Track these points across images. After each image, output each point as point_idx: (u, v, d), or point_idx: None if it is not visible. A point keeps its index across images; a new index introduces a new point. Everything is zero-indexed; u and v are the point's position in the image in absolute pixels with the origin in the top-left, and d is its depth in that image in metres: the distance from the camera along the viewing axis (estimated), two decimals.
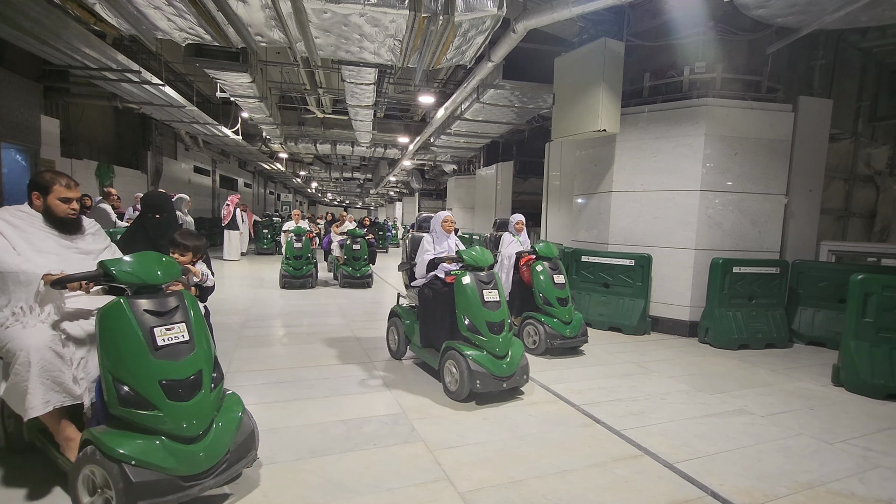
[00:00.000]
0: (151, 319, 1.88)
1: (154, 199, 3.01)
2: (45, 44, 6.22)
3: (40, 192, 2.22)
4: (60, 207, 2.22)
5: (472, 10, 3.89)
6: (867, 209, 7.99)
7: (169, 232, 2.84)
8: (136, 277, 1.91)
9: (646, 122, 5.83)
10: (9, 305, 2.03)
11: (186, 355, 1.92)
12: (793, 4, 4.63)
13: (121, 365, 1.80)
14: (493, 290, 3.47)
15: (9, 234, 2.09)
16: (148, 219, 2.92)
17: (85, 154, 10.09)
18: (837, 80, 6.74)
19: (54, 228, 2.23)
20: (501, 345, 3.34)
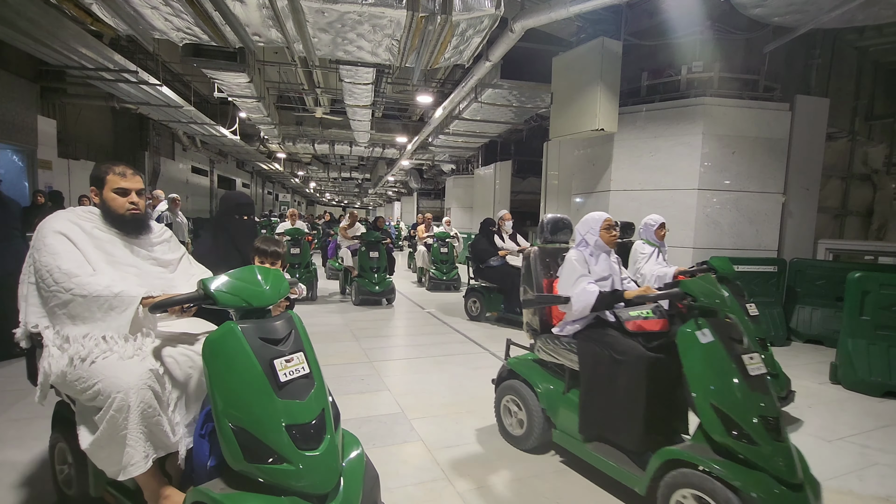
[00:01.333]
0: (269, 349, 1.49)
1: (239, 198, 2.60)
2: (42, 44, 6.20)
3: (96, 185, 1.84)
4: (117, 202, 1.81)
5: (470, 9, 3.89)
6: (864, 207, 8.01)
7: (254, 237, 2.44)
8: (244, 301, 1.53)
9: (644, 121, 5.84)
10: (90, 336, 1.60)
11: (309, 392, 1.53)
12: (790, 3, 4.65)
13: (240, 407, 1.43)
14: (755, 355, 1.95)
15: (82, 243, 1.70)
16: (233, 222, 2.50)
17: (82, 154, 10.06)
18: (834, 79, 6.76)
19: (117, 231, 1.84)
20: (787, 459, 1.77)
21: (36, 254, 1.65)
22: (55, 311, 1.62)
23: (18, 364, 3.84)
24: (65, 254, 1.63)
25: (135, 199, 1.84)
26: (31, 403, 3.08)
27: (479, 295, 5.86)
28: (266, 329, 1.53)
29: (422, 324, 5.83)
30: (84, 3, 4.46)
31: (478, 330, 5.51)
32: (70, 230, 1.69)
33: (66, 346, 1.60)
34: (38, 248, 1.65)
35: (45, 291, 1.62)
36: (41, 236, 1.67)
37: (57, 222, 1.70)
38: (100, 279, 1.62)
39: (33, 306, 1.68)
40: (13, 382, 3.44)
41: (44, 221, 1.72)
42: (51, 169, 8.72)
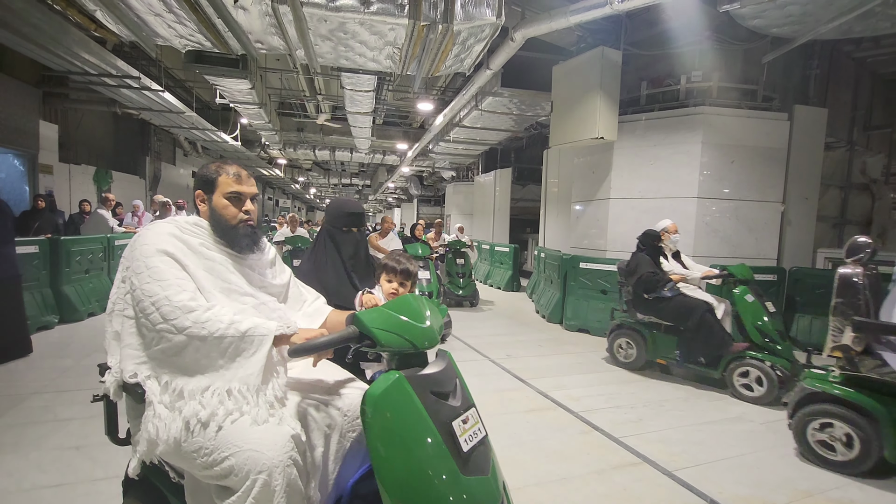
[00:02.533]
0: (444, 408, 1.16)
1: (348, 206, 2.16)
2: (45, 49, 6.24)
3: (204, 189, 1.48)
4: (229, 210, 1.46)
5: (471, 18, 3.92)
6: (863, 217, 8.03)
7: (366, 253, 2.15)
8: (408, 342, 1.18)
9: (643, 130, 5.87)
10: (211, 389, 1.23)
11: (489, 462, 1.19)
12: (788, 15, 4.69)
13: (414, 489, 1.06)
14: None
15: (193, 266, 1.36)
16: (343, 235, 2.09)
17: (83, 159, 10.08)
18: (832, 90, 6.80)
19: (227, 249, 1.47)
20: None
21: (135, 279, 1.28)
22: (162, 357, 1.26)
23: (13, 367, 3.82)
24: (175, 281, 1.28)
25: (250, 208, 1.48)
26: (27, 409, 3.07)
27: (637, 336, 4.37)
28: (435, 380, 1.19)
29: None
30: (88, 10, 4.49)
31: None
32: (177, 249, 1.34)
33: (179, 403, 1.23)
34: (139, 271, 1.29)
35: (148, 330, 1.25)
36: (141, 256, 1.31)
37: (160, 238, 1.34)
38: (220, 313, 1.27)
39: (131, 348, 1.30)
40: (8, 387, 3.42)
41: (141, 236, 1.37)
42: (51, 173, 8.74)
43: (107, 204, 7.39)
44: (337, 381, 1.50)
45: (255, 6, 3.94)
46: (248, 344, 1.26)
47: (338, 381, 1.50)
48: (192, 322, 1.23)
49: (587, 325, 5.91)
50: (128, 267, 1.33)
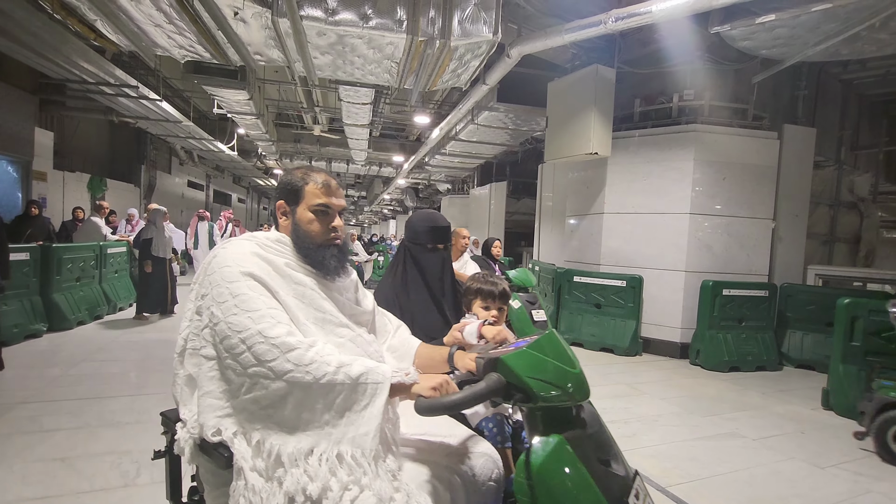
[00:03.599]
0: (612, 479, 0.97)
1: (434, 219, 1.85)
2: (44, 57, 6.25)
3: (288, 199, 1.27)
4: (314, 227, 1.23)
5: (468, 35, 3.99)
6: (852, 234, 8.15)
7: (450, 274, 1.88)
8: (567, 395, 0.98)
9: (636, 146, 5.95)
10: (319, 454, 0.99)
11: None
12: (776, 37, 4.82)
13: None
14: None
15: (283, 292, 1.13)
16: (427, 254, 1.80)
17: (78, 167, 10.05)
18: (820, 110, 6.95)
19: (314, 271, 1.24)
20: None
21: (217, 310, 1.05)
22: (254, 408, 1.01)
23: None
24: (267, 311, 1.05)
25: (339, 224, 1.26)
26: (12, 419, 3.01)
27: None
28: (598, 442, 1.00)
29: None
30: (88, 20, 4.53)
31: None
32: (263, 271, 1.12)
33: (278, 472, 0.98)
34: (221, 299, 1.05)
35: (237, 374, 1.02)
36: (223, 280, 1.07)
37: (243, 258, 1.11)
38: (325, 352, 1.04)
39: (212, 397, 1.05)
40: None
41: (220, 256, 1.13)
42: (45, 180, 8.69)
43: (101, 212, 7.33)
44: (455, 438, 1.23)
45: (255, 19, 3.99)
46: (360, 394, 1.00)
47: (457, 440, 1.22)
48: (294, 364, 0.99)
49: (581, 338, 5.92)
50: (204, 295, 1.10)
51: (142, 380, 3.94)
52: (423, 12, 3.88)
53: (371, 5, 3.81)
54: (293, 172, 1.29)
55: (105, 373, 4.03)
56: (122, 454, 2.61)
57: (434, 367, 1.36)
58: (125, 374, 4.05)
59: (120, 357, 4.54)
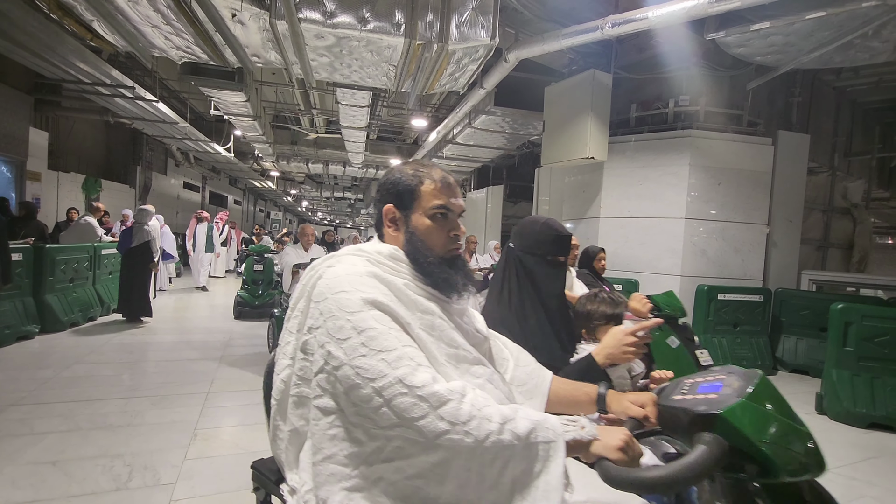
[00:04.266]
0: None
1: (557, 228, 1.59)
2: (40, 57, 6.22)
3: (399, 203, 1.02)
4: (434, 236, 1.01)
5: (466, 39, 4.01)
6: (845, 240, 8.21)
7: (563, 291, 1.59)
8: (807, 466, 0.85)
9: (633, 151, 5.98)
10: None
11: None
12: (771, 45, 4.87)
13: None
14: None
15: (414, 324, 0.91)
16: (546, 269, 1.52)
17: (73, 167, 9.99)
18: (814, 117, 7.02)
19: (433, 291, 1.00)
20: None
21: (337, 348, 0.82)
22: (397, 478, 0.78)
23: None
24: (405, 352, 0.82)
25: (461, 231, 1.03)
26: (2, 421, 2.97)
27: None
28: None
29: None
30: (85, 20, 4.51)
31: None
32: (387, 298, 0.89)
33: None
34: (342, 334, 0.82)
35: (369, 437, 0.79)
36: (341, 310, 0.84)
37: (361, 281, 0.89)
38: (480, 402, 0.80)
39: (334, 462, 0.81)
40: None
41: (330, 277, 0.90)
42: (39, 181, 8.63)
43: (95, 212, 7.25)
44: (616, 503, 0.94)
45: (252, 21, 3.99)
46: (532, 459, 0.76)
47: None
48: (450, 422, 0.75)
49: None
50: (314, 328, 0.87)
51: (135, 382, 3.91)
52: (421, 16, 3.90)
53: (369, 8, 3.82)
54: (401, 170, 1.04)
55: (97, 375, 4.00)
56: (114, 457, 2.58)
57: (577, 408, 1.10)
58: (118, 377, 4.01)
59: (113, 359, 4.50)
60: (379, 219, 1.05)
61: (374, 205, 1.09)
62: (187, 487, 2.35)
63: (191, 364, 4.49)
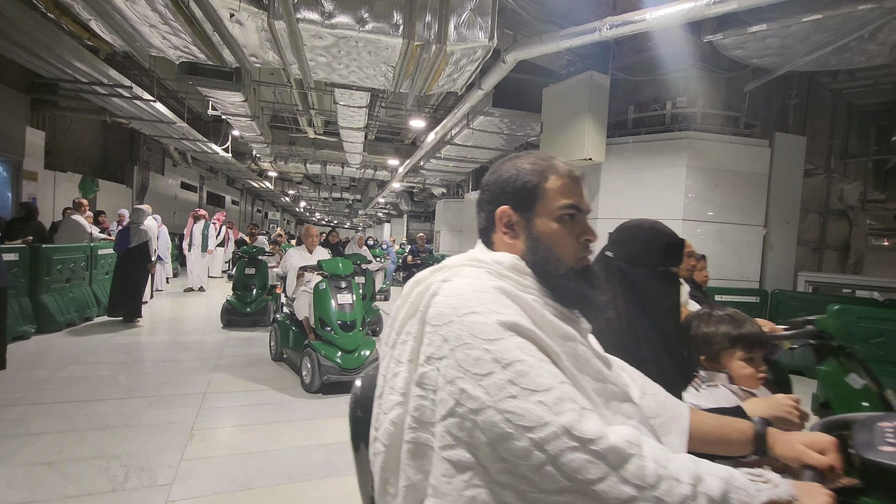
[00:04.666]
0: None
1: (668, 234, 1.39)
2: (37, 57, 6.20)
3: (517, 204, 0.85)
4: (563, 243, 0.85)
5: (464, 40, 4.01)
6: (841, 242, 8.25)
7: (678, 306, 1.41)
8: None
9: (630, 153, 6.00)
10: None
11: None
12: (768, 47, 4.89)
13: None
14: None
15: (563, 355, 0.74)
16: (657, 282, 1.31)
17: (69, 167, 9.95)
18: (810, 119, 7.05)
19: (563, 310, 0.83)
20: None
21: (472, 385, 0.65)
22: None
23: None
24: (563, 391, 0.65)
25: (593, 236, 0.88)
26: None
27: None
28: None
29: None
30: (82, 19, 4.50)
31: None
32: (525, 320, 0.71)
33: None
34: (480, 368, 0.65)
35: (517, 495, 0.63)
36: (476, 336, 0.66)
37: (492, 298, 0.71)
38: (660, 456, 0.64)
39: None
40: None
41: (451, 294, 0.72)
42: (36, 180, 8.60)
43: (80, 209, 6.98)
44: None
45: (251, 21, 3.98)
46: None
47: None
48: (637, 486, 0.59)
49: None
50: (435, 357, 0.68)
51: (131, 383, 3.89)
52: (419, 17, 3.90)
53: (367, 9, 3.82)
54: (516, 164, 0.85)
55: (94, 375, 3.98)
56: (111, 458, 2.57)
57: (727, 448, 0.91)
58: (114, 377, 4.00)
59: (109, 360, 4.49)
60: (489, 223, 0.86)
61: (479, 206, 0.89)
62: (184, 488, 2.34)
63: (188, 364, 4.48)
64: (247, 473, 2.51)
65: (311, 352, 3.83)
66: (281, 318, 4.73)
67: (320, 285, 4.09)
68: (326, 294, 4.03)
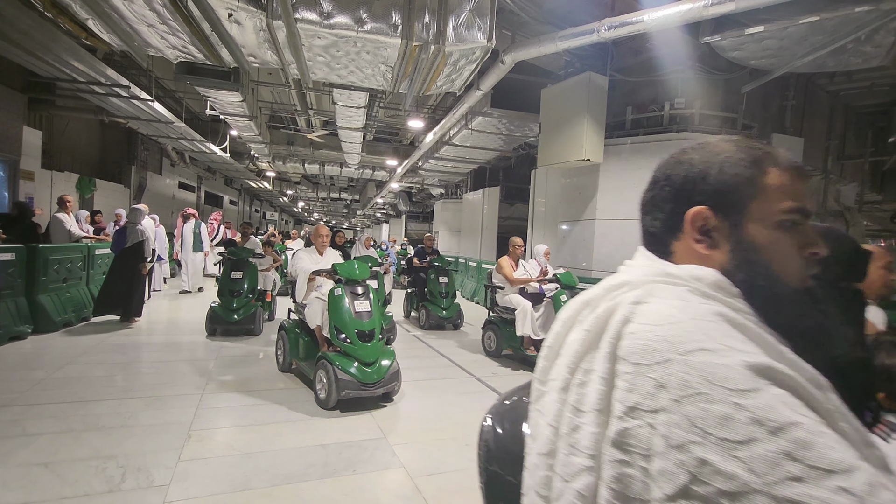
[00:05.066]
0: None
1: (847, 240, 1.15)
2: (34, 56, 6.19)
3: (717, 201, 0.63)
4: (786, 259, 0.60)
5: (463, 40, 4.02)
6: None
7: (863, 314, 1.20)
8: None
9: (628, 154, 6.01)
10: None
11: None
12: (765, 49, 4.91)
13: None
14: None
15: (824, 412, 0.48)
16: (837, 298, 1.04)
17: (66, 166, 9.93)
18: (807, 120, 7.08)
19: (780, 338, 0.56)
20: None
21: (719, 455, 0.43)
22: None
23: None
24: (869, 473, 0.41)
25: (822, 249, 0.64)
26: None
27: None
28: None
29: (408, 348, 5.78)
30: (79, 19, 4.49)
31: (464, 356, 5.48)
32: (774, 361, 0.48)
33: None
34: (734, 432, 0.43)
35: None
36: (717, 384, 0.45)
37: (723, 333, 0.50)
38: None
39: None
40: None
41: (661, 324, 0.51)
42: (33, 180, 8.58)
43: (65, 207, 6.65)
44: None
45: (249, 21, 3.98)
46: None
47: None
48: None
49: None
50: (656, 410, 0.48)
51: (128, 383, 3.88)
52: (417, 17, 3.90)
53: (366, 9, 3.82)
54: (719, 148, 0.67)
55: (90, 376, 3.97)
56: (107, 459, 2.56)
57: None
58: (111, 378, 3.99)
59: (106, 360, 4.47)
60: (669, 227, 0.68)
61: (650, 205, 0.73)
62: (181, 489, 2.34)
63: (185, 365, 4.47)
64: (244, 474, 2.51)
65: (326, 364, 3.49)
66: (289, 325, 4.40)
67: (335, 291, 3.73)
68: (342, 300, 3.66)
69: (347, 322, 3.61)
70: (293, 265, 4.47)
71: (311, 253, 4.51)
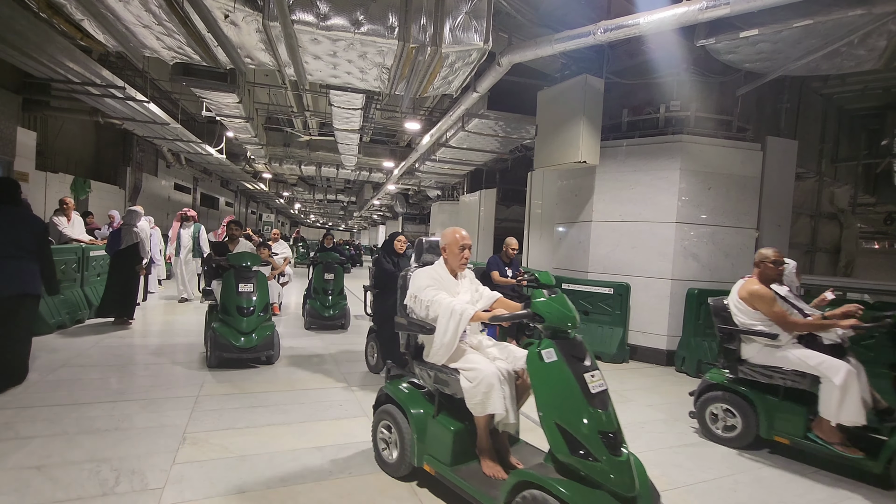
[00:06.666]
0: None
1: None
2: (28, 56, 6.15)
3: None
4: None
5: (459, 42, 4.02)
6: (832, 245, 8.34)
7: None
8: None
9: (624, 156, 6.04)
10: None
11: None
12: (759, 52, 4.95)
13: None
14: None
15: None
16: None
17: (61, 167, 9.87)
18: (802, 123, 7.13)
19: None
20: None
21: None
22: None
23: None
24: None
25: None
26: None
27: None
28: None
29: None
30: (75, 19, 4.46)
31: None
32: None
33: None
34: None
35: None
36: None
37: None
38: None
39: None
40: None
41: None
42: (27, 181, 8.50)
43: (66, 210, 6.47)
44: None
45: (245, 22, 3.97)
46: None
47: None
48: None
49: None
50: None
51: (122, 385, 3.85)
52: (414, 19, 3.91)
53: (363, 11, 3.82)
54: None
55: (84, 378, 3.94)
56: (101, 462, 2.54)
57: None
58: (105, 380, 3.96)
59: (100, 362, 4.44)
60: None
61: None
62: (176, 492, 2.32)
63: (179, 367, 4.44)
64: (239, 477, 2.49)
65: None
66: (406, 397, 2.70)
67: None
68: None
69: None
70: (416, 297, 2.56)
71: (439, 275, 2.60)
